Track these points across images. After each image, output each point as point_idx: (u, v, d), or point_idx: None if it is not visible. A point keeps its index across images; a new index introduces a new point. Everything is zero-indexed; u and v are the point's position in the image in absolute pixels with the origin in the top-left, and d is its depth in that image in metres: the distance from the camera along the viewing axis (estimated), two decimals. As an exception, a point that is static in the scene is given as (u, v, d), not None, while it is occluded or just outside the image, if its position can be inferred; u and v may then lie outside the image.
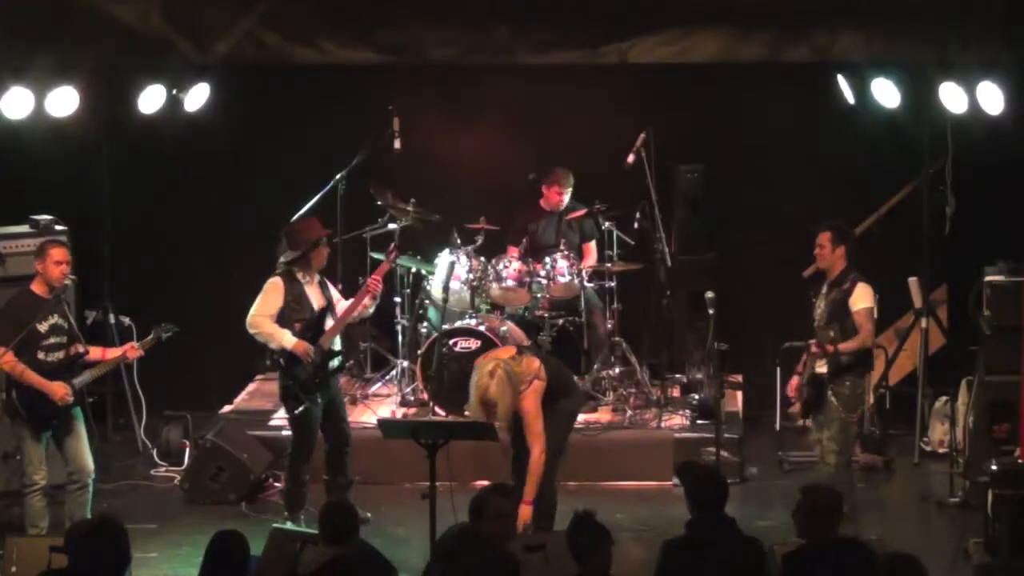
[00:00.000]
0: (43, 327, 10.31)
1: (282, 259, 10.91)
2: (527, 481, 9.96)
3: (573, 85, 13.57)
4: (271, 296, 10.81)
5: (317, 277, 10.98)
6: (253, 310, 10.82)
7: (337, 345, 11.00)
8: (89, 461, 10.51)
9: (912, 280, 12.86)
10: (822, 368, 10.43)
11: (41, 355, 10.30)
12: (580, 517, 7.60)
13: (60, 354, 10.39)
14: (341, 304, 11.07)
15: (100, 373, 10.71)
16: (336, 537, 7.79)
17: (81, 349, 10.48)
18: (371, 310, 11.16)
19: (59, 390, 10.26)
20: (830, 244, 10.53)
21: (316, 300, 10.91)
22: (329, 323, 10.89)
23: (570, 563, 7.56)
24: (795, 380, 10.72)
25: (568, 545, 7.53)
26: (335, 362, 10.93)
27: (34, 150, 12.51)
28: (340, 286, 11.62)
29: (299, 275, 10.87)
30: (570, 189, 13.01)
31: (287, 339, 10.74)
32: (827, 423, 10.45)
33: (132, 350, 10.65)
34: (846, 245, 10.53)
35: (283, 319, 10.79)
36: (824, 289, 10.60)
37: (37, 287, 10.34)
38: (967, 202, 13.08)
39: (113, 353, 10.72)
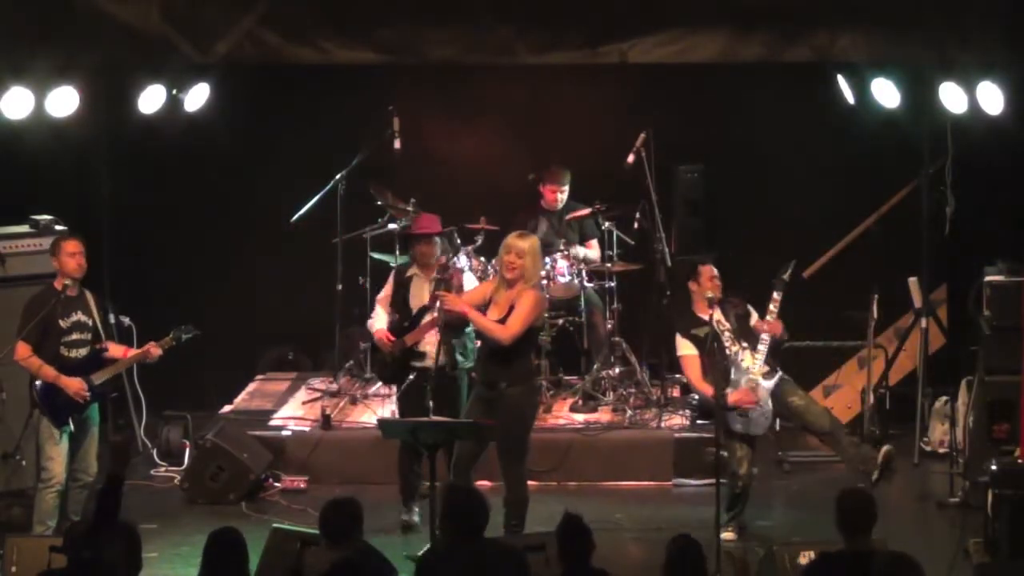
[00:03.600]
0: (65, 323, 10.46)
1: None
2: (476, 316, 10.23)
3: (573, 85, 13.57)
4: (386, 284, 11.30)
5: (432, 274, 10.94)
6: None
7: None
8: (95, 463, 10.68)
9: (912, 280, 12.86)
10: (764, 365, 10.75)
11: (64, 351, 10.47)
12: (569, 520, 7.66)
13: (84, 350, 10.55)
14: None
15: (118, 371, 10.89)
16: (336, 536, 7.78)
17: (102, 346, 10.59)
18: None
19: (74, 385, 10.38)
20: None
21: (419, 298, 11.02)
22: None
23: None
24: (740, 393, 10.68)
25: (559, 546, 7.60)
26: (421, 361, 10.96)
27: (34, 150, 12.50)
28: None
29: (412, 269, 11.14)
30: (566, 187, 13.03)
31: (376, 324, 11.17)
32: (791, 391, 10.94)
33: (153, 348, 10.70)
34: None
35: (394, 308, 11.15)
36: (714, 314, 10.65)
37: (59, 283, 10.46)
38: (967, 202, 13.08)
39: (133, 352, 10.80)
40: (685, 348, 10.75)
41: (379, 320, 11.18)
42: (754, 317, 10.86)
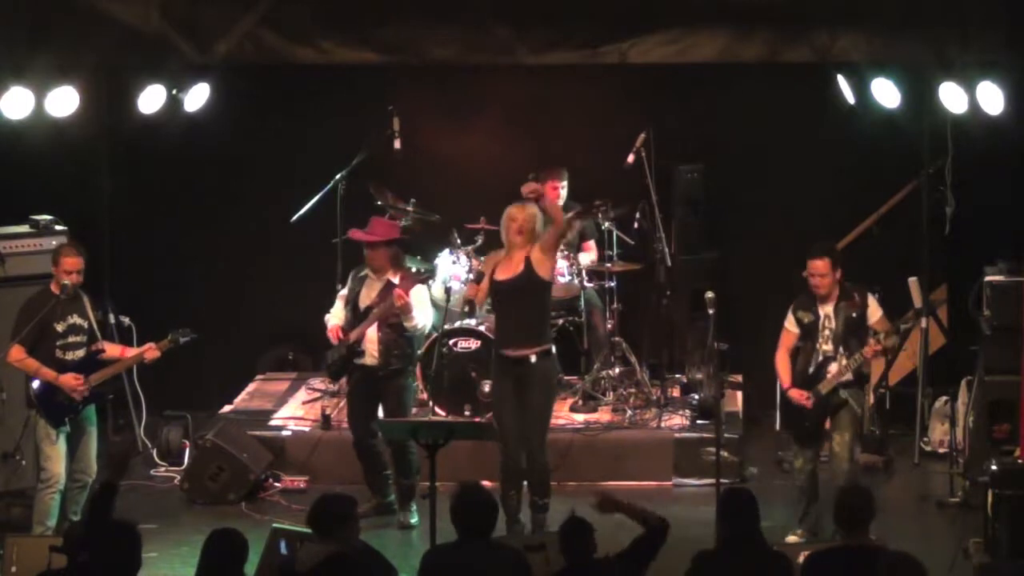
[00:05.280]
0: (61, 326, 10.46)
1: None
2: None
3: (573, 85, 13.57)
4: (347, 281, 11.44)
5: (387, 276, 11.13)
6: None
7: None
8: (95, 463, 10.68)
9: (912, 280, 12.85)
10: (848, 376, 10.54)
11: (60, 353, 10.47)
12: (571, 520, 7.83)
13: (80, 352, 10.54)
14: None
15: (116, 372, 10.90)
16: (322, 529, 7.76)
17: (98, 347, 10.57)
18: (416, 320, 11.11)
19: (71, 381, 10.38)
20: (831, 271, 10.58)
21: (368, 298, 11.14)
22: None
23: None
24: (797, 392, 10.65)
25: (560, 544, 7.72)
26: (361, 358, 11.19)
27: (34, 150, 12.50)
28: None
29: (366, 270, 11.25)
30: (565, 183, 13.03)
31: (331, 320, 11.36)
32: (842, 427, 10.58)
33: (151, 351, 10.70)
34: (839, 262, 10.64)
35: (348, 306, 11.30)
36: (828, 309, 10.60)
37: (56, 287, 10.47)
38: (967, 202, 13.08)
39: (131, 352, 10.80)
40: (788, 322, 10.80)
41: (334, 317, 11.35)
42: (874, 316, 10.66)
